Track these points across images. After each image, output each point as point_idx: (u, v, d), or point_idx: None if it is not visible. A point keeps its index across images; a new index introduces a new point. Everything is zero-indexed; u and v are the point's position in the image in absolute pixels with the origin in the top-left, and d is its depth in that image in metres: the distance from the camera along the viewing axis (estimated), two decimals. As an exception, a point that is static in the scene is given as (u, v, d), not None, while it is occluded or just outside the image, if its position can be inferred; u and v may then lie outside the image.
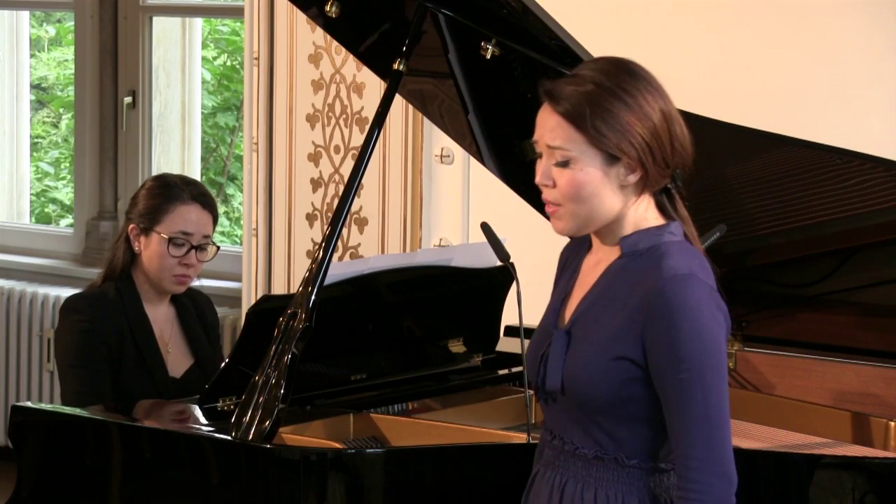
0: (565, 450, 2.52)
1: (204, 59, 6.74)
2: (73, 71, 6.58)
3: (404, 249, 5.11)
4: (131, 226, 3.69)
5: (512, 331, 3.92)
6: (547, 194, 2.49)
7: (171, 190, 3.69)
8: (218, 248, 3.74)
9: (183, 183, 3.73)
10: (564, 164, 2.45)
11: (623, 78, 2.45)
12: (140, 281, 3.69)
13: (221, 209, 6.86)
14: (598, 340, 2.46)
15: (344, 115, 5.27)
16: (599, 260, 2.54)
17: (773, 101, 4.51)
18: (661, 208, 2.51)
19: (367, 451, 3.10)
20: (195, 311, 3.80)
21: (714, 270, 2.48)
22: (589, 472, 2.49)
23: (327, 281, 3.11)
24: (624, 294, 2.46)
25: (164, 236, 3.64)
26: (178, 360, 3.72)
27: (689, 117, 2.54)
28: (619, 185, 2.45)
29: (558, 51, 3.19)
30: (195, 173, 6.50)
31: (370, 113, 4.31)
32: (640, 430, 2.46)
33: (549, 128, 2.46)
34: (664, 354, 2.39)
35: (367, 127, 3.67)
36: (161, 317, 3.73)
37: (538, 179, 2.49)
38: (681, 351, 2.37)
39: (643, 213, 2.49)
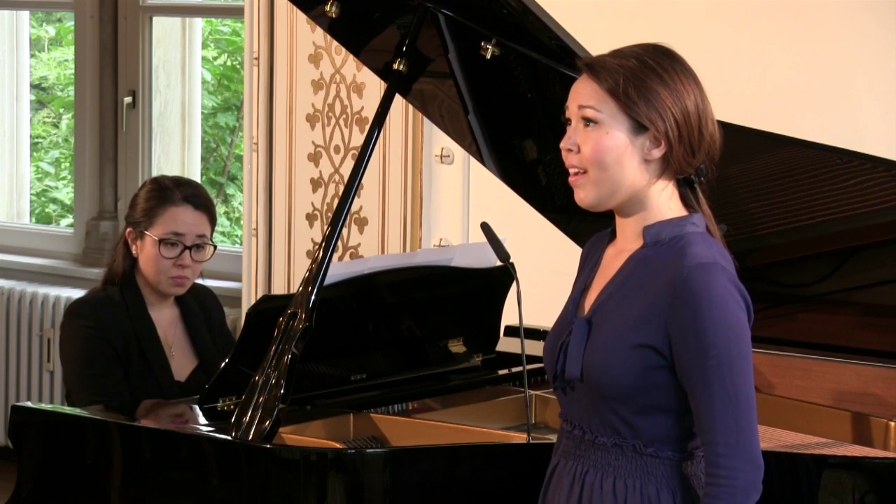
0: (585, 439, 2.52)
1: (204, 59, 6.74)
2: (73, 71, 6.58)
3: (404, 249, 5.11)
4: (128, 230, 3.70)
5: (512, 331, 3.92)
6: (570, 160, 2.51)
7: (163, 192, 3.69)
8: (215, 247, 3.73)
9: (175, 185, 3.73)
10: (592, 122, 2.47)
11: (663, 58, 2.50)
12: (142, 284, 3.70)
13: (221, 209, 6.86)
14: (619, 328, 2.46)
15: (344, 115, 5.27)
16: (621, 250, 2.55)
17: (773, 101, 4.51)
18: (685, 200, 2.53)
19: (367, 451, 3.10)
20: (200, 309, 3.80)
21: (734, 263, 2.49)
22: (608, 461, 2.50)
23: (327, 281, 3.11)
24: (646, 282, 2.47)
25: (155, 238, 3.64)
26: (182, 364, 3.72)
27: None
28: (643, 157, 2.48)
29: (558, 51, 3.19)
30: (195, 173, 6.50)
31: (370, 113, 4.31)
32: (659, 419, 2.46)
33: (583, 93, 2.50)
34: (691, 342, 2.40)
35: (367, 127, 3.67)
36: (165, 319, 3.73)
37: (563, 143, 2.52)
38: (708, 338, 2.39)
39: (666, 202, 2.51)
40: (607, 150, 2.47)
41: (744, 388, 2.41)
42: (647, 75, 2.46)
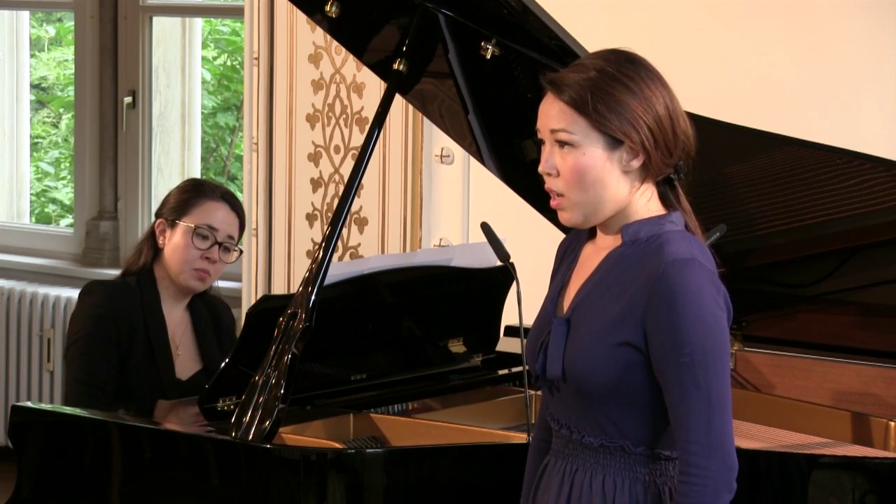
0: (573, 439, 2.52)
1: (204, 59, 6.74)
2: (73, 71, 6.58)
3: (404, 249, 5.11)
4: (159, 220, 3.73)
5: (512, 331, 3.92)
6: (550, 184, 2.49)
7: (201, 187, 3.77)
8: (241, 251, 3.76)
9: (215, 185, 3.82)
10: (567, 145, 2.45)
11: (625, 65, 2.46)
12: (160, 277, 3.72)
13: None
14: (598, 327, 2.46)
15: (344, 115, 5.27)
16: (599, 248, 2.55)
17: (773, 101, 4.51)
18: (664, 199, 2.52)
19: (367, 451, 3.10)
20: (212, 319, 3.81)
21: (715, 259, 2.48)
22: (596, 461, 2.50)
23: (327, 281, 3.11)
24: (624, 280, 2.46)
25: (190, 226, 3.67)
26: (186, 364, 3.73)
27: (688, 117, 2.55)
28: (623, 170, 2.46)
29: (558, 51, 3.19)
30: (195, 173, 6.50)
31: (370, 113, 4.31)
32: (644, 417, 2.46)
33: (552, 115, 2.47)
34: (665, 338, 2.39)
35: (367, 127, 3.68)
36: (176, 319, 3.74)
37: (541, 168, 2.50)
38: (682, 334, 2.38)
39: (645, 203, 2.50)
40: (587, 169, 2.45)
41: (717, 386, 2.39)
42: (612, 87, 2.43)
